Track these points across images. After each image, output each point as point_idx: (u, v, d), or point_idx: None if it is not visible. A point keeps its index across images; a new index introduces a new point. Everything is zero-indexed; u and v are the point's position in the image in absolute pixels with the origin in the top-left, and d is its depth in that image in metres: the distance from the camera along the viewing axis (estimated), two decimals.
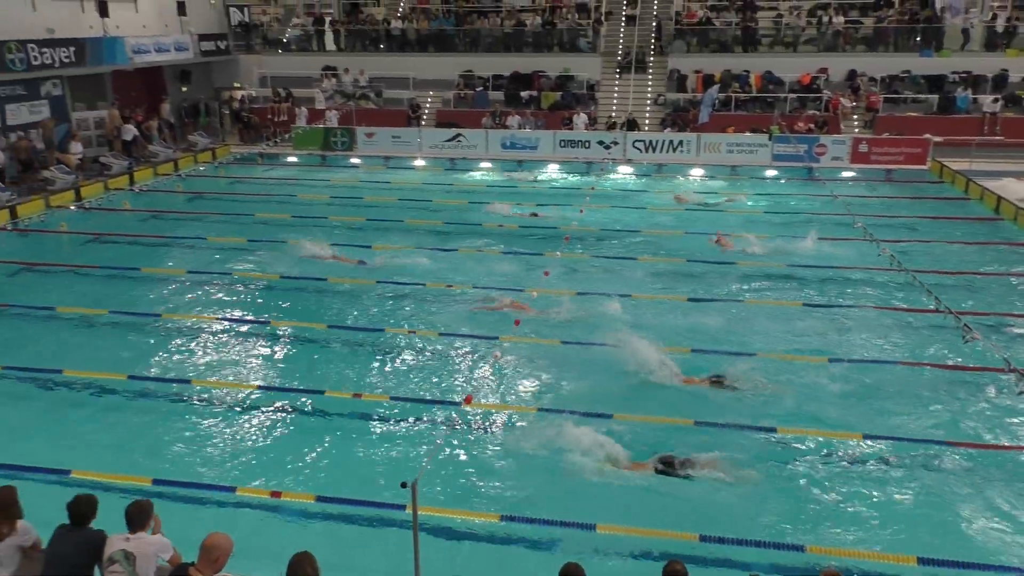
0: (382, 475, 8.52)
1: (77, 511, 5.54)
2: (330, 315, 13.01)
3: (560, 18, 30.45)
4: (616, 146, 25.91)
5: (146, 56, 26.28)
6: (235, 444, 9.24)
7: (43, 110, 23.03)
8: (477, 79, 29.66)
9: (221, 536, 5.33)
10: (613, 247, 16.85)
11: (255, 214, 19.47)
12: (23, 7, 22.69)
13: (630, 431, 9.35)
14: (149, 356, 11.56)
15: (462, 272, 15.30)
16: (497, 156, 26.32)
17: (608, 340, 11.41)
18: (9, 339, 12.17)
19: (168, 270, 15.25)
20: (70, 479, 8.10)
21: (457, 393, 10.28)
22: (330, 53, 31.21)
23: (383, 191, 22.38)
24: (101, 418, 9.80)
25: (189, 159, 25.85)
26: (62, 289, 14.31)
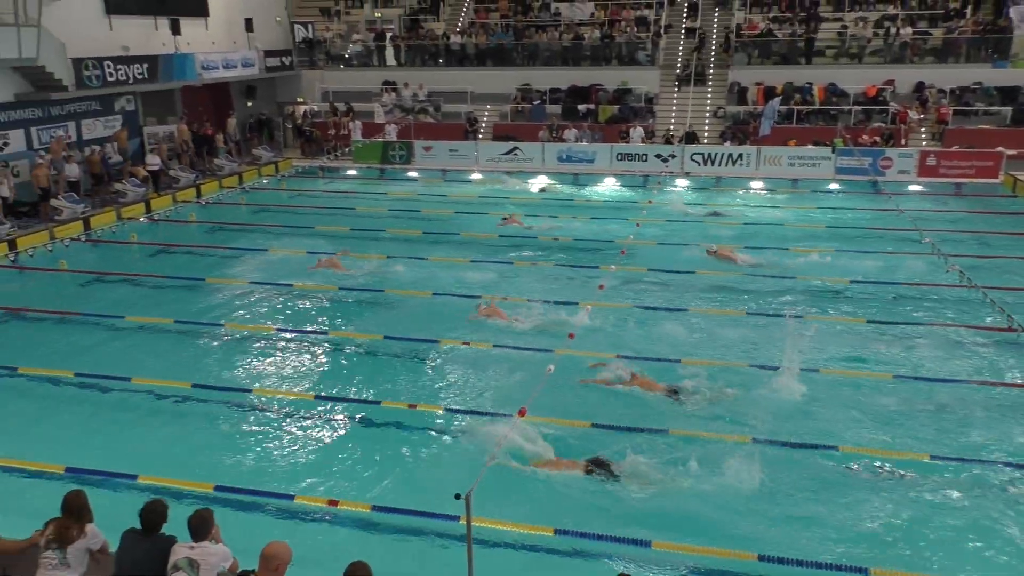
0: (437, 486, 8.54)
1: (149, 518, 5.67)
2: (387, 326, 13.14)
3: (619, 31, 30.39)
4: (673, 159, 25.69)
5: (214, 72, 27.12)
6: (294, 453, 9.39)
7: (116, 125, 23.92)
8: (534, 93, 29.79)
9: (280, 545, 5.41)
10: (669, 260, 16.65)
11: (315, 226, 19.85)
12: (100, 26, 23.66)
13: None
14: (212, 364, 11.85)
15: (516, 284, 15.33)
16: (553, 169, 26.34)
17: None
18: (81, 346, 12.61)
19: (231, 280, 15.63)
20: (136, 484, 8.34)
21: (511, 405, 10.26)
22: (390, 68, 31.74)
23: (440, 204, 22.60)
24: (166, 425, 10.07)
25: (253, 172, 26.53)
26: (131, 298, 14.79)
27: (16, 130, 20.70)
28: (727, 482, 8.57)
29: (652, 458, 9.00)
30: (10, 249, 17.44)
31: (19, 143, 20.78)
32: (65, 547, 5.59)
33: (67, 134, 22.12)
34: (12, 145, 20.55)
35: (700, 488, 8.51)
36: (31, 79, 20.72)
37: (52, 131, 21.69)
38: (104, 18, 23.87)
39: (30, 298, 14.76)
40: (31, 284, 16.04)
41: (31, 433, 9.84)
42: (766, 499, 8.36)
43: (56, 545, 5.59)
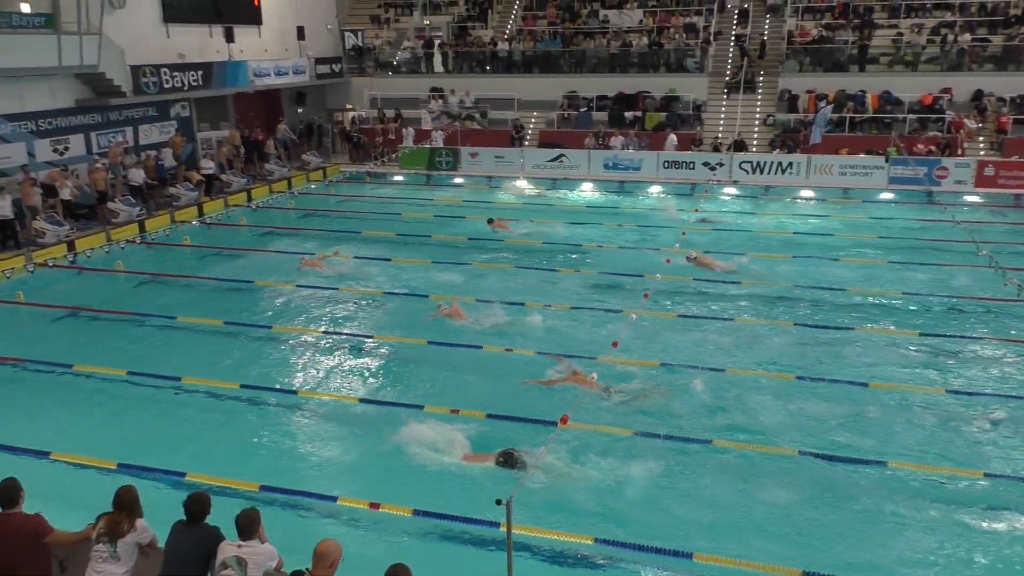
0: (478, 491, 8.56)
1: (192, 508, 5.81)
2: (430, 331, 13.22)
3: (667, 38, 30.21)
4: (721, 167, 25.41)
5: (266, 79, 27.67)
6: (337, 455, 9.50)
7: (171, 130, 24.53)
8: (581, 99, 29.75)
9: (333, 543, 5.49)
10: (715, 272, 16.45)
11: (362, 231, 20.09)
12: (158, 34, 24.33)
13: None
14: (260, 366, 12.06)
15: (559, 291, 15.31)
16: (599, 176, 26.27)
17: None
18: (134, 345, 12.94)
19: (279, 283, 15.89)
20: (184, 481, 8.51)
21: (554, 412, 10.23)
22: (438, 75, 32.00)
23: (485, 211, 22.67)
24: (214, 424, 10.26)
25: (302, 177, 26.96)
26: (183, 299, 15.14)
27: (76, 135, 21.36)
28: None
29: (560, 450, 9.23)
30: (69, 250, 17.99)
31: (79, 148, 21.44)
32: (116, 541, 5.73)
33: (125, 139, 22.77)
34: (72, 150, 21.20)
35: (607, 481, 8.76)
36: (92, 85, 21.38)
37: (110, 136, 22.33)
38: (162, 26, 24.54)
39: (87, 298, 15.20)
40: (88, 284, 16.52)
41: (85, 429, 10.12)
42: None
43: (107, 539, 5.73)
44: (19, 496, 5.92)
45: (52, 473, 8.83)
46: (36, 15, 19.15)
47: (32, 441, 9.46)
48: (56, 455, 9.17)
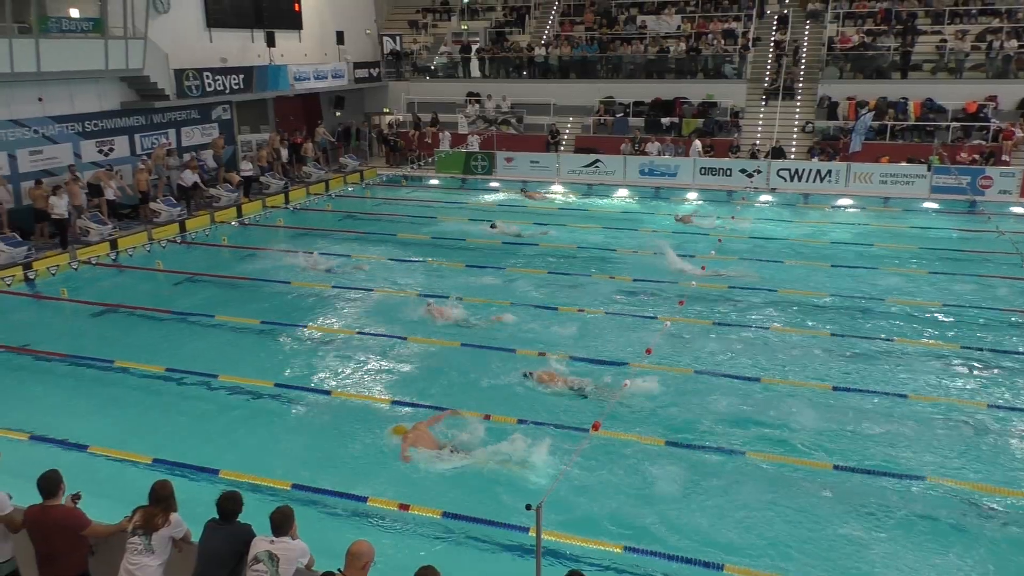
0: (508, 496, 8.56)
1: (224, 506, 5.88)
2: (464, 335, 13.26)
3: (705, 44, 30.00)
4: (759, 174, 25.15)
5: (306, 83, 28.02)
6: (368, 455, 9.54)
7: (213, 133, 24.97)
8: (617, 105, 29.67)
9: (366, 544, 5.52)
10: (752, 278, 16.29)
11: (397, 234, 20.24)
12: (201, 39, 24.79)
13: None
14: (295, 365, 12.19)
15: (593, 296, 15.27)
16: (635, 183, 26.16)
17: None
18: (173, 342, 13.17)
19: (315, 284, 16.05)
20: (218, 479, 8.63)
21: (586, 418, 10.20)
22: (475, 80, 32.13)
23: (519, 215, 22.72)
24: (248, 421, 10.39)
25: (339, 180, 27.25)
26: (220, 298, 15.37)
27: (121, 136, 21.84)
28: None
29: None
30: (112, 248, 18.37)
31: (124, 149, 21.91)
32: (150, 534, 5.82)
33: (168, 141, 23.22)
34: (117, 151, 21.68)
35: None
36: (136, 88, 21.85)
37: (154, 138, 22.79)
38: (205, 31, 25.00)
39: (128, 295, 15.50)
40: (129, 282, 16.85)
41: (122, 423, 10.30)
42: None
43: (142, 531, 5.83)
44: (59, 488, 6.05)
45: (90, 466, 8.99)
46: (84, 20, 19.63)
47: (72, 434, 9.67)
48: (94, 448, 9.36)
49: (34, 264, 16.81)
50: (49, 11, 18.90)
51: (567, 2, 34.63)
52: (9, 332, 13.65)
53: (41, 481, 6.00)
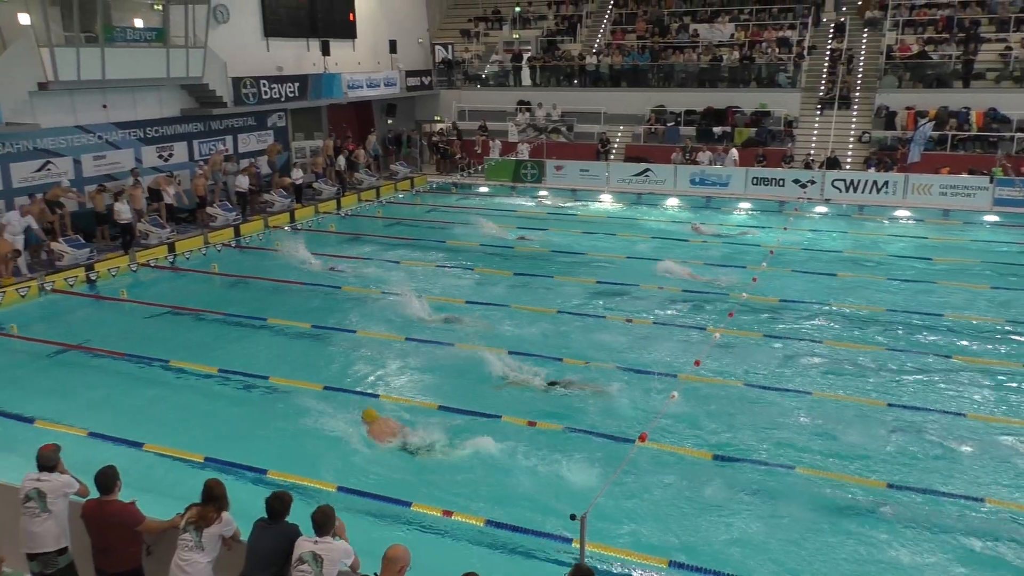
0: (552, 505, 8.52)
1: (273, 506, 5.96)
2: (510, 342, 13.27)
3: (759, 53, 29.62)
4: (813, 185, 24.70)
5: (359, 91, 28.44)
6: (414, 460, 9.58)
7: (268, 139, 25.50)
8: (668, 114, 29.46)
9: (402, 548, 5.55)
10: (804, 293, 15.99)
11: (446, 241, 20.37)
12: (259, 47, 25.35)
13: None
14: (344, 369, 12.33)
15: (640, 306, 15.15)
16: (685, 192, 25.92)
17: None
18: (226, 344, 13.45)
19: (365, 290, 16.23)
20: (265, 479, 8.76)
21: (632, 429, 10.11)
22: (525, 88, 32.22)
23: (569, 223, 22.69)
24: (298, 424, 10.52)
25: (390, 187, 27.56)
26: (273, 302, 15.64)
27: (180, 143, 22.44)
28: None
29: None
30: (169, 251, 18.85)
31: (182, 155, 22.51)
32: (201, 531, 5.93)
33: (225, 147, 23.79)
34: (176, 156, 22.28)
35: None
36: (196, 96, 22.43)
37: (211, 144, 23.37)
38: (262, 40, 25.56)
39: (184, 297, 15.89)
40: (185, 284, 17.27)
41: (176, 422, 10.53)
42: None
43: (194, 528, 5.95)
44: (116, 484, 6.21)
45: (144, 463, 9.21)
46: (148, 30, 20.23)
47: (127, 432, 9.92)
48: (148, 446, 9.58)
49: (95, 265, 17.34)
50: (115, 21, 19.53)
51: (619, 11, 34.55)
52: (70, 330, 14.12)
53: (98, 477, 6.17)
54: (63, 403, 11.03)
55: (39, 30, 17.40)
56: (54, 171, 18.95)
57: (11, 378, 12.13)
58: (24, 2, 17.41)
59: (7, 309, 15.11)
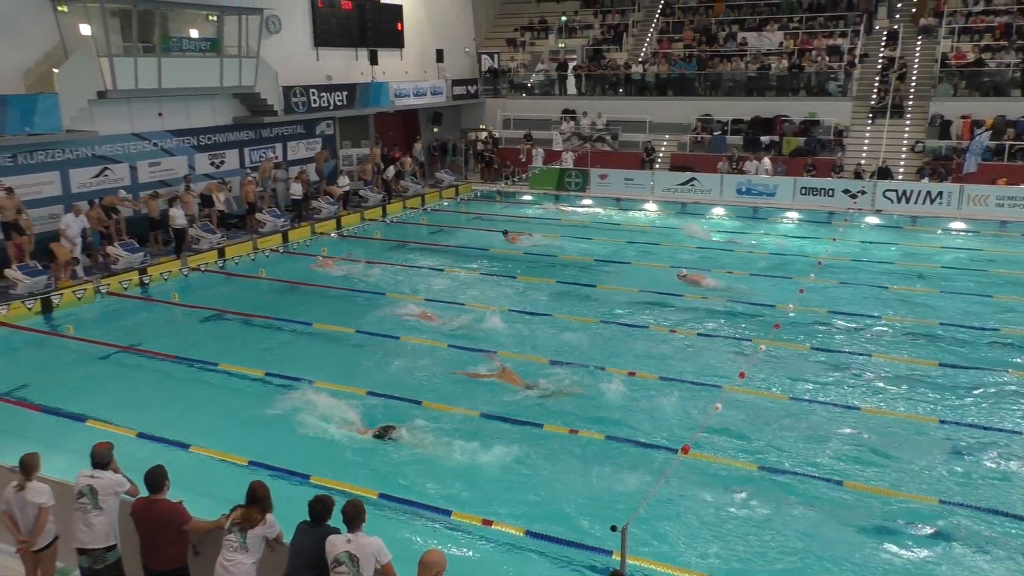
0: (593, 516, 8.47)
1: (316, 509, 6.01)
2: (553, 350, 13.24)
3: (808, 61, 29.18)
4: (864, 195, 24.23)
5: (405, 100, 28.76)
6: (455, 468, 9.59)
7: (317, 147, 25.91)
8: (715, 123, 29.18)
9: (439, 553, 5.56)
10: (853, 305, 15.67)
11: (490, 248, 20.44)
12: (309, 57, 25.81)
13: None
14: (387, 374, 12.40)
15: (685, 317, 15.00)
16: (732, 202, 25.63)
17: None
18: (272, 348, 13.67)
19: (408, 296, 16.36)
20: (308, 483, 8.85)
21: (675, 440, 10.00)
22: (570, 97, 32.24)
23: (613, 232, 22.60)
24: (341, 429, 10.60)
25: (435, 194, 27.77)
26: (318, 307, 15.85)
27: (232, 150, 22.93)
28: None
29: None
30: (219, 256, 19.24)
31: (234, 162, 23.00)
32: (246, 532, 6.03)
33: (275, 155, 24.24)
34: (228, 163, 22.77)
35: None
36: (247, 104, 22.91)
37: (261, 152, 23.83)
38: (312, 50, 26.01)
39: (232, 301, 16.18)
40: (234, 289, 17.59)
41: (222, 424, 10.73)
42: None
43: (239, 529, 6.04)
44: (164, 483, 6.34)
45: (190, 464, 9.37)
46: (202, 40, 20.74)
47: (175, 433, 10.12)
48: (195, 448, 9.76)
49: (148, 269, 17.78)
50: (171, 32, 20.06)
51: (665, 20, 34.40)
52: (123, 332, 14.49)
53: (147, 476, 6.31)
54: (114, 403, 11.31)
55: (99, 40, 17.96)
56: (111, 177, 19.50)
57: (66, 378, 12.49)
58: (86, 13, 17.98)
59: (64, 311, 15.58)
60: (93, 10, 17.83)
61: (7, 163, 17.18)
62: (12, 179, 17.05)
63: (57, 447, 9.32)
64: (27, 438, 9.50)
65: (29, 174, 17.63)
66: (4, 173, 17.07)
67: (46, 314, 15.45)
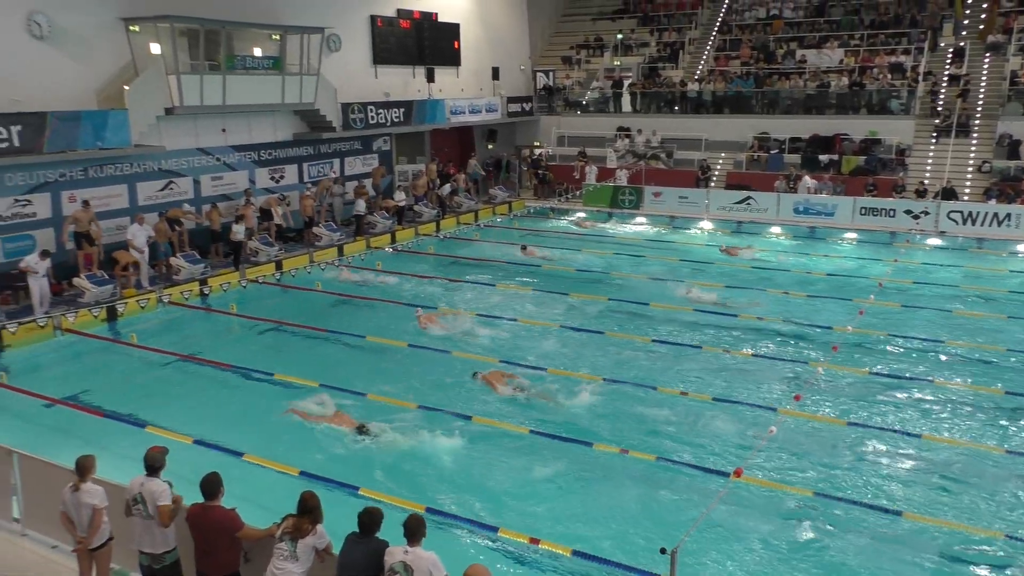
0: (642, 537, 8.35)
1: (365, 521, 6.07)
2: (606, 368, 13.15)
3: (870, 78, 28.62)
4: (927, 216, 23.58)
5: (461, 116, 29.07)
6: (503, 484, 9.58)
7: (373, 163, 26.34)
8: (772, 141, 28.78)
9: (483, 568, 5.55)
10: (915, 328, 15.22)
11: (542, 266, 20.45)
12: (367, 75, 26.32)
13: None
14: (440, 388, 12.46)
15: (739, 337, 14.76)
16: (788, 221, 25.20)
17: None
18: (326, 359, 13.86)
19: (461, 312, 16.39)
20: (357, 494, 8.92)
21: (727, 463, 9.83)
22: (625, 114, 32.17)
23: (666, 251, 22.41)
24: (391, 442, 10.67)
25: (488, 210, 27.94)
26: (371, 320, 16.04)
27: (291, 165, 23.46)
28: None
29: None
30: (277, 269, 19.65)
31: (292, 177, 23.51)
32: (296, 541, 6.11)
33: (333, 170, 24.72)
34: (287, 178, 23.29)
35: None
36: (307, 120, 23.43)
37: (319, 167, 24.33)
38: (371, 68, 26.53)
39: (288, 313, 16.49)
40: (291, 301, 17.92)
41: (274, 434, 10.88)
42: None
43: (289, 538, 6.13)
44: (219, 490, 6.47)
45: (243, 472, 9.52)
46: (265, 58, 21.31)
47: (230, 441, 10.32)
48: (248, 456, 9.93)
49: (209, 280, 18.24)
50: (236, 51, 20.67)
51: (722, 37, 34.14)
52: (183, 341, 14.87)
53: (203, 483, 6.44)
54: (172, 410, 11.59)
55: (168, 59, 18.60)
56: (176, 190, 20.12)
57: (128, 384, 12.86)
58: (156, 33, 18.65)
59: (128, 319, 16.07)
60: (163, 30, 18.50)
61: (79, 176, 17.86)
62: (83, 191, 17.74)
63: (116, 452, 9.57)
64: (89, 441, 9.79)
65: (99, 187, 18.29)
66: (76, 186, 17.76)
67: (111, 322, 15.96)
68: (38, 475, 7.99)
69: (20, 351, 14.36)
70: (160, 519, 6.51)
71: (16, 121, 16.00)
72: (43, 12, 17.14)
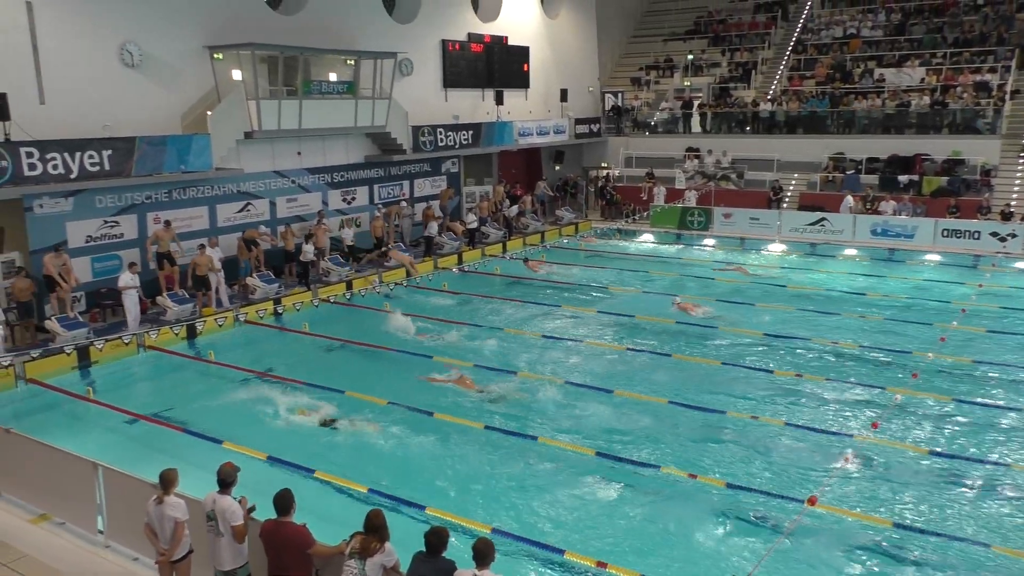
0: (711, 564, 8.16)
1: (431, 541, 6.10)
2: (672, 390, 12.96)
3: (953, 97, 27.67)
4: (1013, 239, 22.59)
5: (529, 138, 29.26)
6: (570, 507, 9.50)
7: (442, 184, 26.70)
8: (848, 162, 28.05)
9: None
10: (1001, 355, 14.55)
11: (608, 286, 20.33)
12: (437, 98, 26.79)
13: None
14: (504, 408, 12.45)
15: (814, 362, 14.36)
16: (865, 243, 24.48)
17: None
18: (395, 378, 14.01)
19: (527, 332, 16.44)
20: (423, 514, 8.97)
21: (801, 490, 9.54)
22: (695, 135, 31.86)
23: (735, 273, 22.02)
24: (458, 463, 10.70)
25: (555, 232, 27.96)
26: (438, 340, 16.16)
27: (363, 187, 23.98)
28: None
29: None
30: (347, 288, 20.04)
31: (363, 198, 24.03)
32: (365, 559, 6.17)
33: (402, 192, 25.17)
34: (358, 200, 23.81)
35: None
36: (379, 143, 23.94)
37: (389, 188, 24.80)
38: (441, 91, 26.99)
39: (358, 332, 16.77)
40: (360, 319, 18.23)
41: (345, 452, 11.06)
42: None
43: (358, 556, 6.19)
44: (291, 506, 6.60)
45: (314, 489, 9.69)
46: (340, 83, 21.90)
47: (301, 458, 10.52)
48: (319, 474, 10.10)
49: (283, 300, 18.72)
50: (312, 76, 21.31)
51: (796, 57, 33.57)
52: (258, 358, 15.28)
53: (276, 499, 6.59)
54: (247, 426, 11.88)
55: (249, 85, 19.30)
56: (253, 212, 20.78)
57: (206, 400, 13.25)
58: (238, 60, 19.39)
59: (207, 336, 16.59)
60: (245, 57, 19.21)
61: (164, 198, 18.62)
62: (166, 213, 18.48)
63: (196, 466, 9.85)
64: (171, 456, 10.08)
65: (182, 208, 19.03)
66: (159, 207, 18.51)
67: (191, 339, 16.51)
68: (121, 488, 8.30)
69: (106, 367, 14.96)
70: (236, 538, 6.68)
71: (107, 146, 16.82)
72: (135, 42, 18.02)
